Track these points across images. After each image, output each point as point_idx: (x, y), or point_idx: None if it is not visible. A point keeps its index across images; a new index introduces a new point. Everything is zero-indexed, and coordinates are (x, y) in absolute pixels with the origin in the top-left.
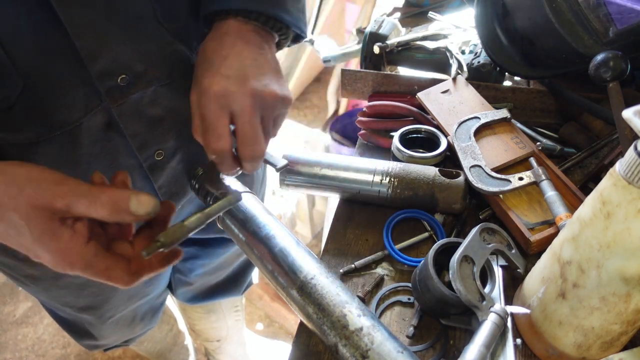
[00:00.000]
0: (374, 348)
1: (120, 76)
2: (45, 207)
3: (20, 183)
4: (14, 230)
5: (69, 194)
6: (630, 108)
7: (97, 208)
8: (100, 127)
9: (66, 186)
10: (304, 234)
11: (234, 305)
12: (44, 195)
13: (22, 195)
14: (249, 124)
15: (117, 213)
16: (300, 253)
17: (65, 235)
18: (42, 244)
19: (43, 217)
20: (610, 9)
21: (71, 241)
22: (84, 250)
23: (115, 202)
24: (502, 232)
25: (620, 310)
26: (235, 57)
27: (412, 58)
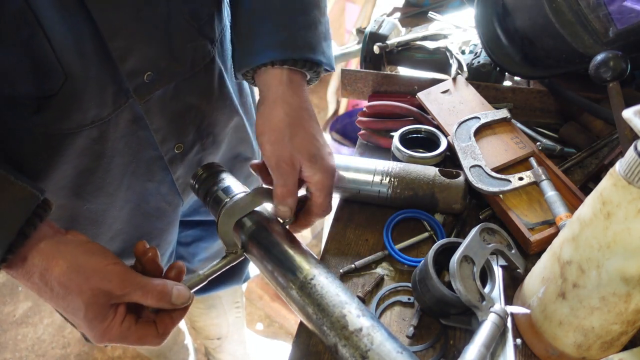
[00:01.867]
0: (374, 348)
1: (146, 73)
2: (105, 294)
3: (88, 274)
4: (71, 308)
5: (129, 285)
6: (630, 108)
7: (147, 299)
8: (127, 123)
9: (127, 279)
10: (304, 234)
11: (234, 301)
12: (108, 287)
13: (89, 284)
14: (329, 197)
15: (161, 303)
16: (299, 253)
17: (109, 318)
18: (91, 325)
19: (100, 305)
20: (610, 9)
21: (113, 321)
22: (121, 329)
23: (162, 296)
24: (502, 232)
25: (620, 310)
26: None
27: (412, 58)
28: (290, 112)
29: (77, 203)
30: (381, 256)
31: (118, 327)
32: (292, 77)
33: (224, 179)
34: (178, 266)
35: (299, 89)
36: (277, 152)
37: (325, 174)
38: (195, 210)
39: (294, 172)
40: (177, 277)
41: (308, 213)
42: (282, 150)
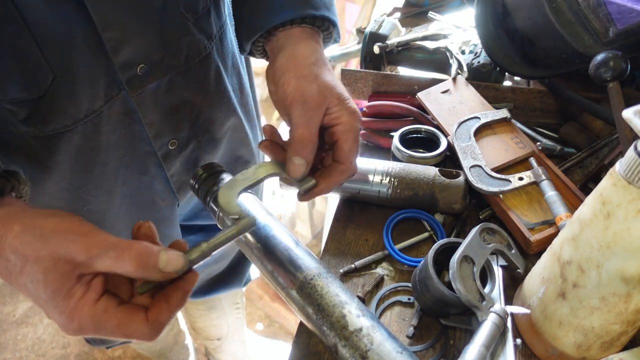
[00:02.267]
0: (374, 349)
1: (140, 65)
2: (68, 260)
3: (47, 235)
4: (32, 285)
5: (96, 246)
6: (630, 108)
7: (123, 263)
8: (119, 116)
9: (93, 238)
10: (304, 234)
11: (234, 302)
12: (69, 247)
13: (46, 247)
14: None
15: (144, 269)
16: (299, 253)
17: (77, 294)
18: (54, 302)
19: (61, 273)
20: (610, 9)
21: (82, 300)
22: (93, 310)
23: (143, 258)
24: (502, 232)
25: (620, 310)
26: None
27: (412, 58)
28: (315, 53)
29: (77, 205)
30: (381, 256)
31: (90, 307)
32: (311, 34)
33: (224, 179)
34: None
35: (318, 43)
36: (304, 87)
37: (354, 115)
38: (196, 214)
39: (320, 111)
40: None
41: (331, 170)
42: (309, 85)
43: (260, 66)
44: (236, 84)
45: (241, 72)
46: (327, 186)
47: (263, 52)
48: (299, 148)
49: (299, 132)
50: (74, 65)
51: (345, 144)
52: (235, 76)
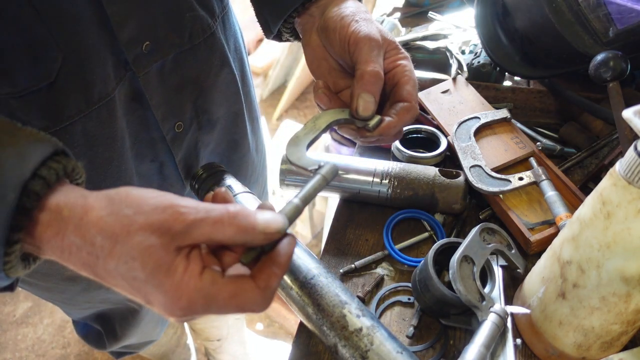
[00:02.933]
0: (374, 349)
1: (145, 43)
2: (164, 232)
3: (134, 208)
4: (125, 266)
5: (191, 213)
6: (630, 108)
7: (223, 229)
8: (127, 100)
9: (185, 206)
10: (304, 234)
11: None
12: (162, 218)
13: (137, 221)
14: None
15: (246, 233)
16: (299, 253)
17: (180, 268)
18: (155, 280)
19: (158, 247)
20: (610, 9)
21: (185, 274)
22: (201, 283)
23: (243, 220)
24: (502, 232)
25: (620, 310)
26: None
27: (412, 58)
28: (363, 7)
29: None
30: (381, 256)
31: (197, 281)
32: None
33: (225, 178)
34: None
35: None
36: (368, 27)
37: (409, 59)
38: None
39: (382, 51)
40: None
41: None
42: (371, 26)
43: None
44: (239, 69)
45: (243, 57)
46: (396, 122)
47: (292, 31)
48: (369, 83)
49: (369, 67)
50: (81, 43)
51: (407, 84)
52: (237, 61)
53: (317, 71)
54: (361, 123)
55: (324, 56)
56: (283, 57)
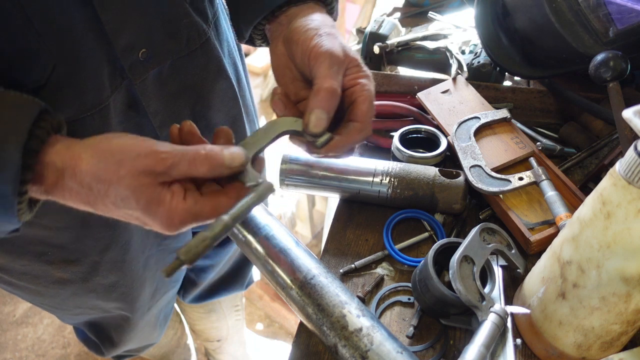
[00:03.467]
0: (374, 349)
1: (141, 50)
2: (148, 173)
3: (118, 156)
4: (121, 202)
5: (169, 157)
6: (630, 108)
7: (197, 167)
8: (123, 108)
9: (163, 151)
10: (304, 234)
11: (234, 305)
12: (145, 162)
13: (124, 167)
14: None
15: (215, 168)
16: (299, 253)
17: (167, 198)
18: (150, 211)
19: (146, 185)
20: (610, 9)
21: (173, 201)
22: (186, 205)
23: (212, 160)
24: (502, 232)
25: (620, 310)
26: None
27: (412, 58)
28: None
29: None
30: (381, 256)
31: (183, 204)
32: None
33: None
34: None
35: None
36: (330, 42)
37: (370, 78)
38: None
39: (343, 68)
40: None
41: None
42: (334, 41)
43: (260, 66)
44: (233, 73)
45: (237, 62)
46: (345, 141)
47: (263, 37)
48: (324, 100)
49: (325, 84)
50: (75, 51)
51: (363, 104)
52: (232, 65)
53: (280, 79)
54: (311, 138)
55: (287, 65)
56: None
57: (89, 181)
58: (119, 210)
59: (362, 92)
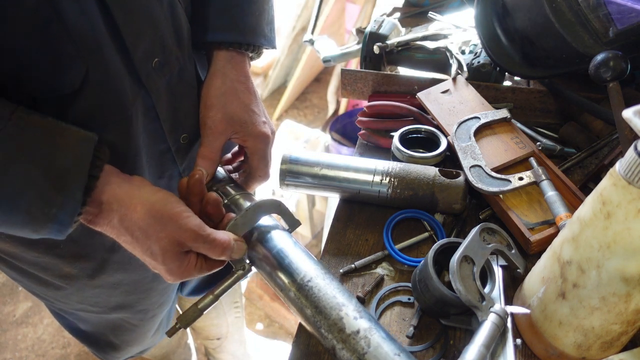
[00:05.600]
0: (371, 351)
1: (154, 59)
2: (180, 243)
3: (164, 220)
4: (149, 253)
5: (199, 240)
6: (630, 108)
7: (213, 252)
8: (142, 116)
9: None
10: (304, 234)
11: (233, 301)
12: (182, 237)
13: (165, 231)
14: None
15: (222, 256)
16: (298, 254)
17: (185, 261)
18: (169, 268)
19: (176, 252)
20: (610, 9)
21: (189, 265)
22: (196, 269)
23: (224, 250)
24: (502, 232)
25: (620, 310)
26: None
27: (412, 58)
28: (226, 83)
29: None
30: (381, 256)
31: (193, 268)
32: (233, 55)
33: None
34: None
35: (238, 65)
36: (212, 116)
37: (258, 139)
38: None
39: (222, 136)
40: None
41: (249, 177)
42: (215, 114)
43: (260, 66)
44: None
45: None
46: (249, 186)
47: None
48: (201, 160)
49: (202, 150)
50: (102, 60)
51: (252, 161)
52: None
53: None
54: None
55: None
56: (283, 57)
57: (134, 229)
58: (142, 255)
59: (250, 152)
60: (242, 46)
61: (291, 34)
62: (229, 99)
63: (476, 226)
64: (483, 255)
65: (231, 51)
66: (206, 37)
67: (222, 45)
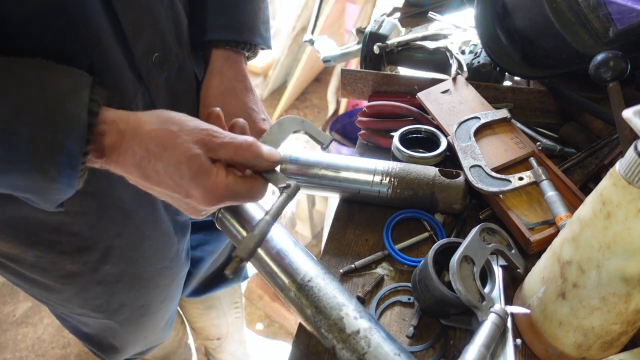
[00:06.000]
0: (371, 351)
1: (154, 55)
2: (202, 145)
3: (177, 124)
4: (173, 168)
5: (222, 135)
6: (630, 108)
7: (242, 153)
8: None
9: (218, 130)
10: (304, 234)
11: (233, 301)
12: (201, 135)
13: (182, 134)
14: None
15: (256, 158)
16: (298, 254)
17: (213, 172)
18: (197, 180)
19: (198, 155)
20: (610, 9)
21: (217, 176)
22: (228, 181)
23: (255, 150)
24: (502, 232)
25: (620, 310)
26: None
27: (412, 58)
28: (224, 82)
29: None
30: (381, 256)
31: (225, 179)
32: (230, 55)
33: None
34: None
35: (235, 64)
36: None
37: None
38: None
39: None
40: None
41: None
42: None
43: (261, 66)
44: None
45: None
46: None
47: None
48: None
49: None
50: (104, 55)
51: None
52: None
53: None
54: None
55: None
56: (283, 57)
57: (147, 142)
58: (167, 177)
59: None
60: (239, 45)
61: (291, 34)
62: (227, 98)
63: (476, 226)
64: (483, 255)
65: (228, 50)
66: (204, 36)
67: (219, 44)
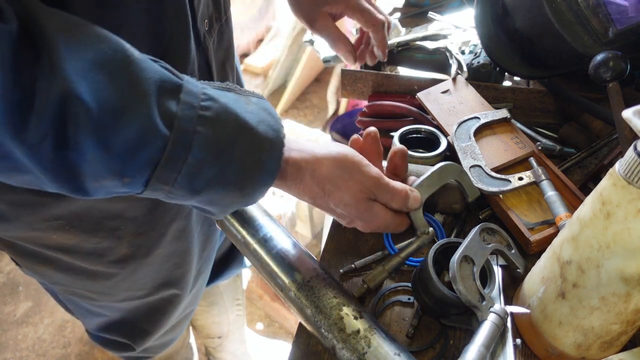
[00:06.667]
0: (371, 351)
1: (205, 20)
2: (367, 191)
3: (350, 169)
4: (342, 205)
5: (382, 186)
6: (630, 108)
7: (393, 202)
8: (201, 75)
9: (381, 180)
10: (304, 234)
11: (235, 298)
12: (368, 183)
13: (352, 179)
14: None
15: (402, 206)
16: (298, 254)
17: (374, 208)
18: (362, 216)
19: (365, 198)
20: (610, 9)
21: (379, 211)
22: (388, 216)
23: (405, 200)
24: (502, 232)
25: (620, 310)
26: None
27: (412, 58)
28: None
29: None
30: (381, 256)
31: (384, 215)
32: None
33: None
34: (401, 152)
35: None
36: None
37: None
38: None
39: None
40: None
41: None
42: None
43: (261, 66)
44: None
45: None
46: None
47: None
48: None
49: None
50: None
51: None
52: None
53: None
54: None
55: None
56: (283, 57)
57: (324, 182)
58: (335, 208)
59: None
60: None
61: (291, 34)
62: None
63: (476, 226)
64: (483, 255)
65: None
66: None
67: None
